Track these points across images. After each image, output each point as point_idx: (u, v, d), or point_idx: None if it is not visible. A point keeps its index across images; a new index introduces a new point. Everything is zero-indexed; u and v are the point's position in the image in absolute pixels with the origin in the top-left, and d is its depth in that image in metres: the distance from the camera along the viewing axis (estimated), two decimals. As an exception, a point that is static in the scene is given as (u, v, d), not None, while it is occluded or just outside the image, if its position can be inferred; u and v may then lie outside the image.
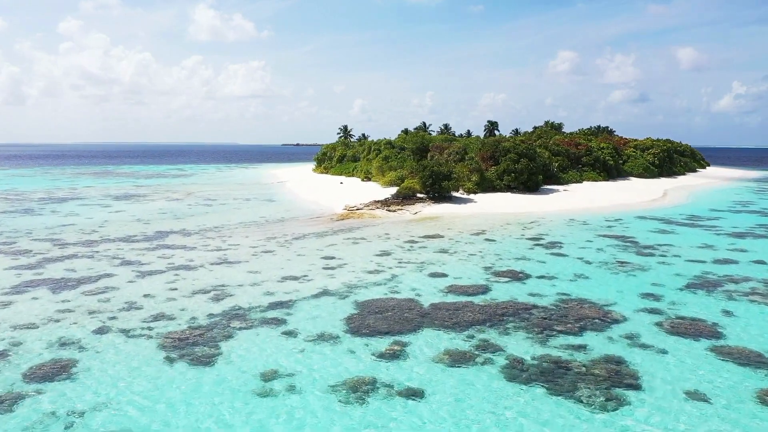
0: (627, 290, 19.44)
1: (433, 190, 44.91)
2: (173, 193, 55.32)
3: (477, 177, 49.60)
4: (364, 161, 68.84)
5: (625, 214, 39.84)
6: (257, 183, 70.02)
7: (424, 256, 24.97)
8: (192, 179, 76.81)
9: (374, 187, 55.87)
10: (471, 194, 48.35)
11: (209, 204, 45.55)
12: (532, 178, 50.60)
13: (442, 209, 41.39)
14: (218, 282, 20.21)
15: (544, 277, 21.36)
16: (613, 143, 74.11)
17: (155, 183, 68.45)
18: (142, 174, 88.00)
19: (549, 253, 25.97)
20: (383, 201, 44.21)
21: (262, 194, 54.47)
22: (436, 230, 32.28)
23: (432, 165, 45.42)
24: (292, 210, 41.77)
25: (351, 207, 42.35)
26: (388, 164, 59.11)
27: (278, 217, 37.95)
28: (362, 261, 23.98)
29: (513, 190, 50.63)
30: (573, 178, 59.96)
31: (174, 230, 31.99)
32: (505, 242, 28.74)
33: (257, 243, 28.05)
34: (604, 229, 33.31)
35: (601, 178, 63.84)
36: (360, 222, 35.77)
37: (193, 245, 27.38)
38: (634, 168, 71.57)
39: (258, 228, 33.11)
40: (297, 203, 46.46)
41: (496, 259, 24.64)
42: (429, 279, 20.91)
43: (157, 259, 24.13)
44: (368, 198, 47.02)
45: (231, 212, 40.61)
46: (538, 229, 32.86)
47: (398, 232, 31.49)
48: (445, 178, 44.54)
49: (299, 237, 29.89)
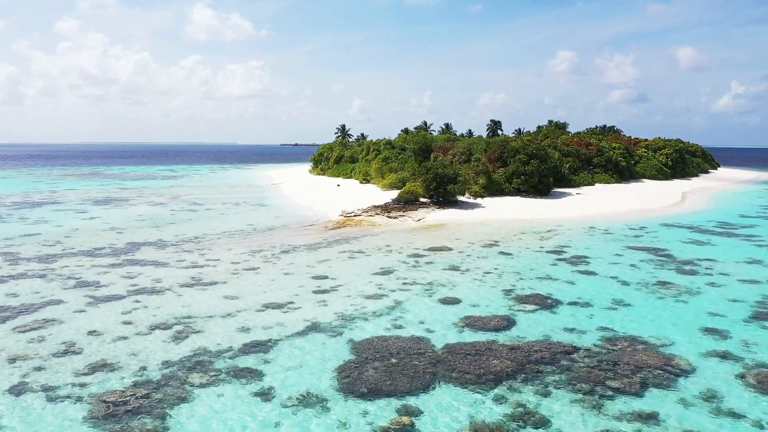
0: (682, 324, 15.93)
1: (437, 194, 41.41)
2: (158, 196, 51.75)
3: (484, 180, 46.10)
4: (362, 162, 65.33)
5: (648, 221, 36.36)
6: (250, 185, 66.48)
7: (431, 275, 21.47)
8: (182, 181, 73.24)
9: (373, 190, 52.36)
10: (478, 198, 44.86)
11: (194, 209, 42.00)
12: (544, 180, 47.12)
13: (448, 215, 37.89)
14: (185, 312, 16.69)
15: (576, 303, 17.86)
16: (624, 143, 70.65)
17: (141, 185, 64.88)
18: (130, 175, 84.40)
19: (576, 270, 22.46)
20: (383, 206, 40.68)
21: (253, 198, 50.93)
22: (442, 241, 28.78)
23: (436, 167, 41.93)
24: (284, 216, 38.23)
25: (348, 213, 38.82)
26: (388, 165, 55.59)
27: (267, 225, 34.41)
28: (360, 281, 20.47)
29: (522, 193, 47.12)
30: (585, 180, 56.48)
31: (148, 241, 28.44)
32: (522, 256, 25.24)
33: (240, 258, 24.51)
34: (630, 239, 29.83)
35: (613, 180, 60.37)
36: (358, 231, 32.26)
37: (166, 260, 23.84)
38: (646, 169, 68.12)
39: (243, 238, 29.57)
40: (290, 208, 42.93)
41: (516, 278, 21.14)
42: (439, 307, 17.41)
43: (120, 279, 20.59)
44: (367, 202, 43.51)
45: (216, 219, 37.06)
46: (557, 240, 29.37)
47: (400, 244, 27.99)
48: (451, 181, 41.04)
49: (288, 250, 26.36)
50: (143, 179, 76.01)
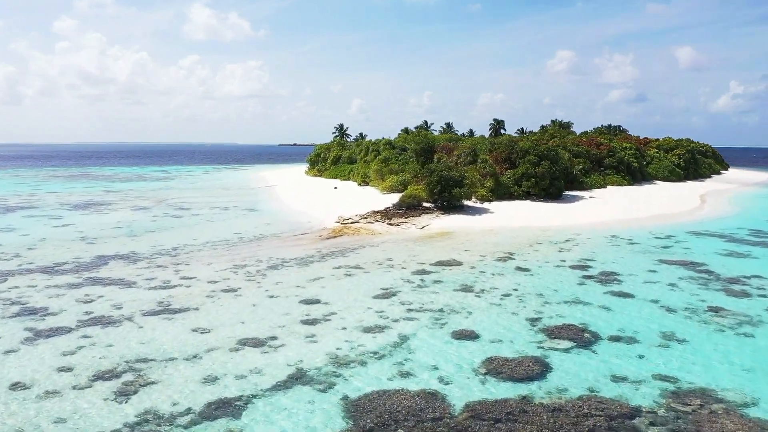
0: (759, 370, 12.81)
1: (441, 198, 38.27)
2: (143, 200, 48.56)
3: (491, 182, 42.99)
4: (361, 163, 62.22)
5: (672, 229, 33.26)
6: (243, 187, 63.31)
7: (441, 298, 18.35)
8: (172, 183, 70.05)
9: (372, 193, 49.23)
10: (485, 202, 41.74)
11: (179, 215, 38.83)
12: (555, 183, 44.01)
13: (454, 222, 34.76)
14: (141, 352, 13.55)
15: (619, 338, 14.74)
16: (634, 143, 67.57)
17: (128, 188, 61.68)
18: (120, 177, 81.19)
19: (608, 291, 19.35)
20: (383, 212, 37.53)
21: (244, 202, 47.76)
22: (450, 253, 25.66)
23: (440, 169, 38.79)
24: (275, 223, 35.07)
25: (345, 219, 35.67)
26: (388, 167, 52.46)
27: (256, 233, 31.25)
28: (357, 307, 17.35)
29: (532, 197, 44.03)
30: (596, 182, 53.40)
31: (119, 254, 25.28)
32: (543, 273, 22.11)
33: (219, 275, 21.37)
34: (659, 250, 26.72)
35: (626, 182, 57.29)
36: (355, 240, 29.13)
37: (134, 279, 20.69)
38: (658, 170, 65.05)
39: (227, 250, 26.42)
40: (282, 214, 39.77)
41: (540, 302, 18.02)
42: (454, 344, 14.29)
43: (73, 305, 17.43)
44: (366, 207, 40.39)
45: (201, 226, 33.89)
46: (578, 252, 26.27)
47: (403, 257, 24.86)
48: (456, 185, 37.90)
49: (276, 265, 23.21)
50: (132, 181, 72.83)
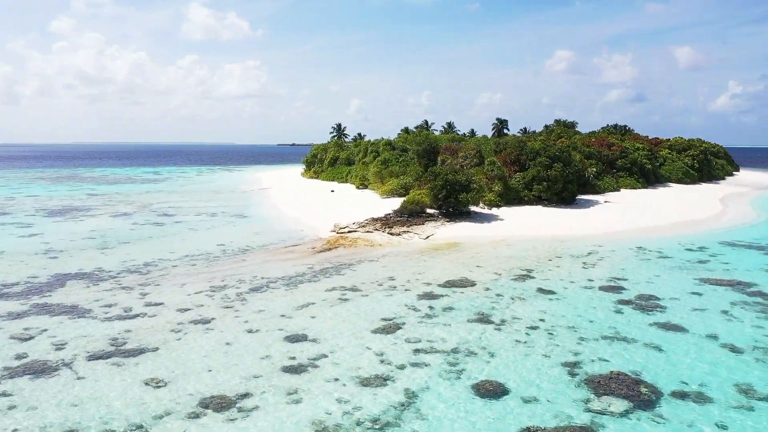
0: None
1: (446, 204, 35.14)
2: (127, 205, 45.37)
3: (500, 186, 39.85)
4: (359, 165, 59.08)
5: (702, 238, 30.14)
6: (235, 190, 60.12)
7: (454, 333, 15.21)
8: (161, 185, 66.83)
9: (371, 198, 46.10)
10: (493, 208, 38.63)
11: (161, 223, 35.63)
12: (568, 187, 40.88)
13: (461, 231, 31.63)
14: (69, 420, 10.39)
15: (686, 395, 11.61)
16: (646, 143, 64.46)
17: (115, 191, 58.47)
18: (109, 178, 77.97)
19: (653, 323, 16.21)
20: (384, 219, 34.37)
21: (234, 207, 44.59)
22: (460, 269, 22.53)
23: (445, 172, 35.63)
24: (265, 232, 31.90)
25: (342, 228, 32.52)
26: (388, 169, 49.31)
27: (242, 245, 28.08)
28: (352, 347, 14.22)
29: (544, 202, 40.91)
30: (609, 185, 50.26)
31: (82, 271, 22.11)
32: (570, 296, 18.98)
33: (192, 300, 18.21)
34: (696, 266, 23.59)
35: (639, 185, 54.16)
36: (353, 254, 25.98)
37: (90, 306, 17.53)
38: (672, 172, 61.93)
39: (206, 266, 23.26)
40: (273, 221, 36.60)
41: (575, 338, 14.88)
42: (476, 405, 11.15)
43: (6, 343, 14.27)
44: (364, 213, 37.25)
45: (182, 236, 30.73)
46: (605, 267, 23.14)
47: (407, 274, 21.73)
48: (463, 189, 34.75)
49: (260, 286, 20.05)
50: (120, 183, 69.61)
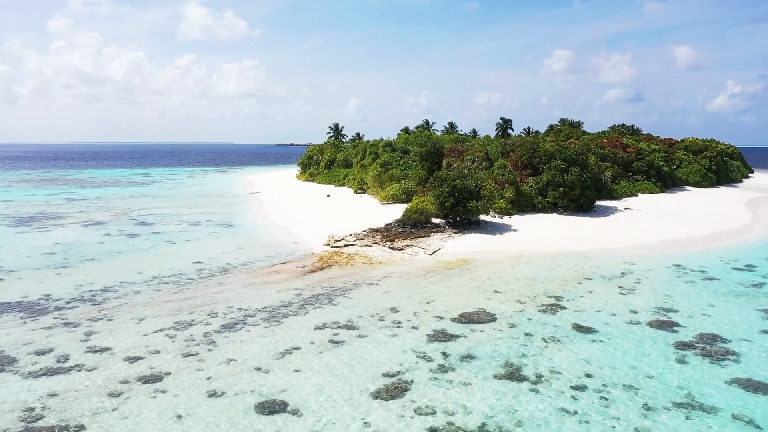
0: None
1: (454, 213, 31.56)
2: (104, 212, 41.72)
3: (511, 193, 36.26)
4: (357, 167, 55.47)
5: (745, 253, 26.61)
6: (225, 194, 56.44)
7: (478, 398, 11.61)
8: (148, 189, 63.14)
9: (370, 204, 42.52)
10: (504, 217, 35.02)
11: (136, 234, 31.97)
12: (586, 193, 37.30)
13: (472, 244, 28.05)
14: None
15: None
16: (662, 145, 60.90)
17: (97, 195, 54.75)
18: (95, 181, 74.24)
19: (731, 379, 12.63)
20: (384, 231, 30.75)
21: (221, 214, 40.95)
22: (475, 296, 18.95)
23: (452, 177, 32.02)
24: (250, 246, 28.28)
25: (337, 240, 28.93)
26: (389, 173, 45.71)
27: (222, 263, 24.46)
28: (346, 420, 10.62)
29: (559, 209, 37.33)
30: (626, 190, 46.68)
31: (26, 300, 18.49)
32: (615, 336, 15.39)
33: (147, 344, 14.59)
34: (754, 292, 20.03)
35: (657, 189, 50.58)
36: (349, 274, 22.38)
37: (16, 352, 13.92)
38: (689, 175, 58.35)
39: (175, 292, 19.63)
40: (262, 232, 32.98)
41: (638, 408, 11.29)
42: None
43: None
44: (362, 222, 33.67)
45: (156, 251, 27.11)
46: (646, 293, 19.56)
47: (413, 304, 18.15)
48: (473, 197, 31.18)
49: (235, 322, 16.44)
50: (105, 186, 65.88)
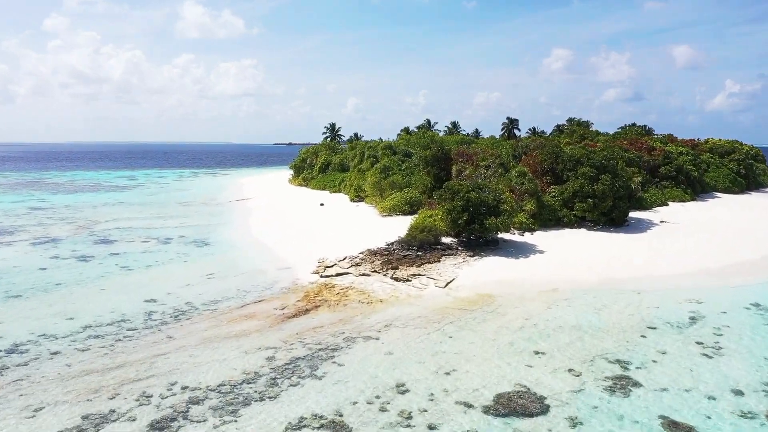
0: None
1: (468, 231, 26.54)
2: (66, 224, 36.63)
3: (533, 205, 31.20)
4: (354, 172, 50.37)
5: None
6: (209, 202, 51.30)
7: None
8: (127, 195, 57.98)
9: (368, 215, 37.48)
10: (525, 233, 30.01)
11: (90, 256, 26.88)
12: (619, 205, 32.23)
13: (492, 272, 23.04)
14: None
15: None
16: (686, 146, 55.86)
17: (67, 203, 49.59)
18: (74, 185, 69.09)
19: None
20: (385, 253, 25.68)
21: (198, 227, 35.87)
22: (511, 361, 13.95)
23: (466, 188, 26.97)
24: (221, 274, 23.22)
25: (328, 267, 23.90)
26: (389, 179, 40.66)
27: (182, 301, 19.38)
28: None
29: (587, 223, 32.28)
30: (656, 198, 41.63)
31: None
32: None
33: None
34: None
35: (687, 196, 45.54)
36: (340, 320, 17.33)
37: None
38: (717, 180, 53.32)
39: (101, 356, 14.56)
40: (240, 253, 27.92)
41: None
42: None
43: None
44: (359, 239, 28.67)
45: (104, 283, 22.02)
46: (739, 355, 14.58)
47: (427, 380, 13.15)
48: (491, 212, 26.16)
49: (173, 416, 11.37)
50: (82, 192, 60.71)
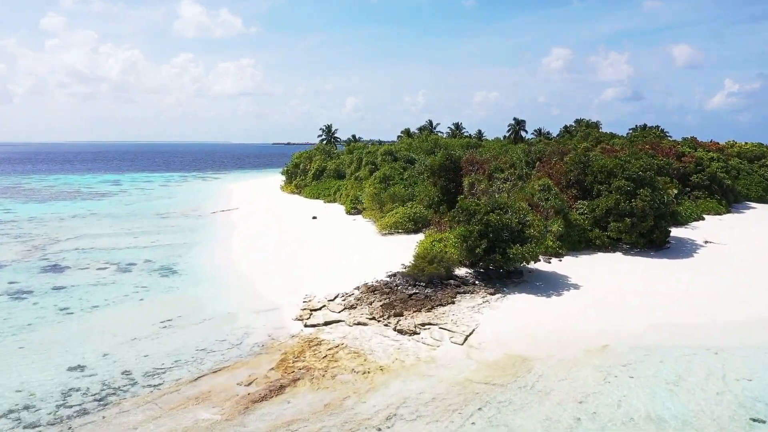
0: None
1: (487, 261, 21.77)
2: (20, 243, 31.86)
3: (560, 225, 26.43)
4: (351, 181, 45.58)
5: None
6: (191, 213, 46.46)
7: None
8: (103, 204, 53.10)
9: (366, 232, 32.72)
10: (552, 258, 25.30)
11: (25, 292, 22.09)
12: (660, 225, 27.49)
13: (520, 319, 18.29)
14: None
15: None
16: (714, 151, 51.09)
17: (32, 214, 44.73)
18: (49, 192, 64.24)
19: None
20: (386, 290, 20.86)
21: (170, 248, 31.10)
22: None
23: (485, 209, 22.19)
24: (180, 322, 18.44)
25: (315, 310, 19.17)
26: (390, 191, 35.88)
27: (117, 370, 14.61)
28: None
29: (622, 246, 27.55)
30: (692, 212, 36.88)
31: None
32: None
33: None
34: None
35: (723, 208, 40.84)
36: (325, 407, 12.60)
37: None
38: (750, 188, 48.62)
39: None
40: (209, 288, 23.13)
41: None
42: None
43: None
44: (355, 265, 23.98)
45: (24, 338, 17.25)
46: None
47: None
48: (515, 238, 21.40)
49: None
50: (55, 200, 55.81)
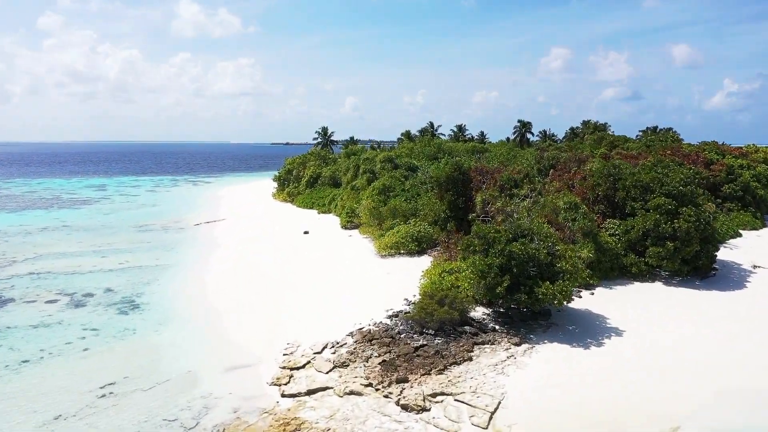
0: None
1: (510, 301, 17.82)
2: (-34, 267, 27.91)
3: (590, 250, 22.46)
4: (347, 190, 41.60)
5: None
6: (172, 225, 42.51)
7: None
8: (80, 213, 49.12)
9: (364, 252, 28.79)
10: (582, 290, 21.38)
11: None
12: (708, 249, 23.53)
13: (554, 381, 14.40)
14: None
15: None
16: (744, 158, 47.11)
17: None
18: (28, 199, 60.31)
19: None
20: (386, 340, 16.90)
21: (138, 272, 27.17)
22: None
23: (506, 235, 18.26)
24: (122, 392, 14.53)
25: (296, 368, 15.26)
26: (390, 205, 31.93)
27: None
28: None
29: (662, 274, 23.64)
30: (728, 228, 32.94)
31: None
32: None
33: None
34: None
35: (759, 222, 36.94)
36: None
37: None
38: (780, 198, 44.65)
39: None
40: (170, 335, 19.19)
41: None
42: None
43: None
44: (349, 303, 20.09)
45: None
46: None
47: None
48: (544, 273, 17.46)
49: None
50: (29, 209, 51.82)
